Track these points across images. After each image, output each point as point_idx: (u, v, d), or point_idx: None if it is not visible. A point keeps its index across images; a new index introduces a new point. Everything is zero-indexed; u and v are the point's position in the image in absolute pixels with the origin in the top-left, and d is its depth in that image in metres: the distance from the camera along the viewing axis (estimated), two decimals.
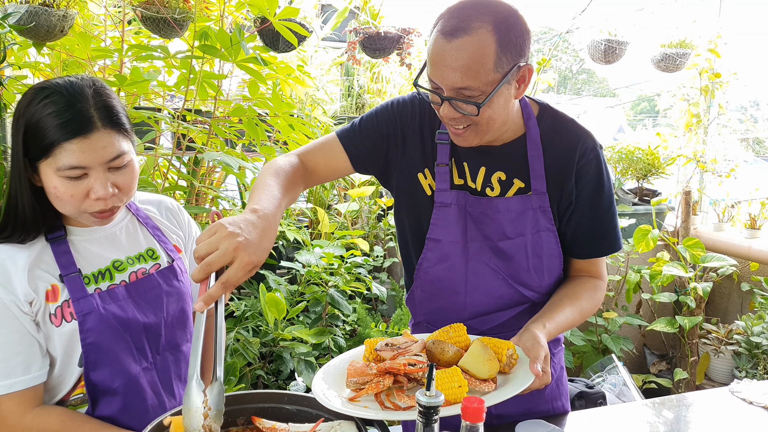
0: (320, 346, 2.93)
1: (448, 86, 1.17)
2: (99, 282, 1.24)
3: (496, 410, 1.37)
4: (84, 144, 1.12)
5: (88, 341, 1.18)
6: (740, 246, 3.77)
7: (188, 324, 1.39)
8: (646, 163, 4.05)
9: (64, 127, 1.11)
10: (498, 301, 1.40)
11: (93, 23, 2.46)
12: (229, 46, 2.13)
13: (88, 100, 1.14)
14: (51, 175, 1.14)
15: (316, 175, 1.41)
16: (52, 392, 1.22)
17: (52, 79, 1.18)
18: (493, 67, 1.15)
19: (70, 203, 1.16)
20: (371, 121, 1.42)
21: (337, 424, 1.06)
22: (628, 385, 3.01)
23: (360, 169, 1.43)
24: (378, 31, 3.10)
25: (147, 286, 1.30)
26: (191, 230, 1.49)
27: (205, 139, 2.45)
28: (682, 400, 1.51)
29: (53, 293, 1.18)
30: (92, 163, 1.14)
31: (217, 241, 0.95)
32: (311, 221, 3.66)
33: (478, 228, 1.36)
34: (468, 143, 1.28)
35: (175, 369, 1.35)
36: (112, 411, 1.23)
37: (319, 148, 1.42)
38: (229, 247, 0.95)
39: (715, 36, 4.01)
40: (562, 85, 10.41)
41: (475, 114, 1.19)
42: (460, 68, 1.14)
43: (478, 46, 1.13)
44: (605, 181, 1.37)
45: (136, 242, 1.34)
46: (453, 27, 1.14)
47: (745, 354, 3.37)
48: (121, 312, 1.23)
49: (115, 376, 1.22)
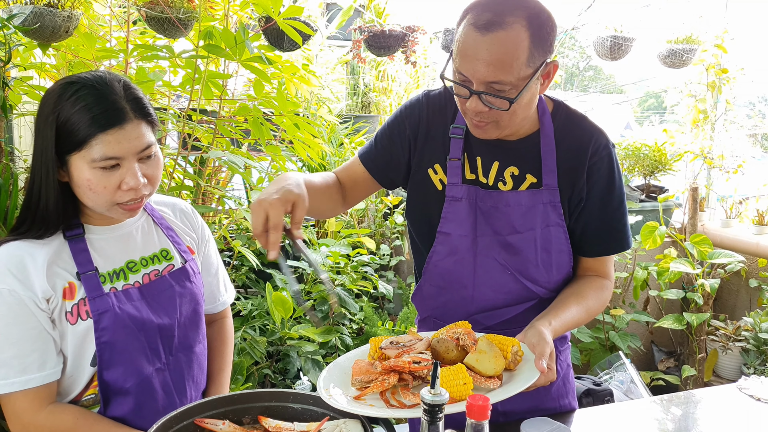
0: (327, 345, 2.93)
1: (480, 80, 1.17)
2: (114, 281, 1.25)
3: (502, 407, 1.37)
4: (119, 135, 1.15)
5: (102, 340, 1.19)
6: (748, 242, 3.75)
7: (200, 324, 1.40)
8: (653, 159, 4.03)
9: (100, 118, 1.13)
10: (505, 296, 1.40)
11: (98, 24, 2.46)
12: (234, 46, 2.13)
13: (119, 93, 1.17)
14: (83, 168, 1.15)
15: (348, 194, 1.49)
16: (64, 392, 1.23)
17: (78, 74, 1.21)
18: (526, 62, 1.16)
19: (103, 195, 1.17)
20: (384, 134, 1.45)
21: (342, 422, 1.06)
22: (636, 382, 3.00)
23: (386, 184, 1.49)
24: (383, 29, 3.10)
25: (160, 287, 1.30)
26: (205, 233, 1.50)
27: (211, 138, 2.46)
28: (690, 397, 1.50)
29: (70, 291, 1.19)
30: (126, 154, 1.16)
31: (251, 213, 1.12)
32: (317, 220, 3.67)
33: (487, 222, 1.36)
34: (488, 136, 1.29)
35: (188, 370, 1.35)
36: (124, 411, 1.24)
37: (344, 169, 1.50)
38: (256, 208, 1.10)
39: (722, 31, 3.98)
40: (569, 82, 10.36)
41: (506, 108, 1.19)
42: (494, 62, 1.14)
43: (513, 41, 1.14)
44: (616, 179, 1.37)
45: (150, 242, 1.34)
46: (487, 21, 1.14)
47: (754, 350, 3.35)
48: (136, 312, 1.24)
49: (128, 375, 1.23)
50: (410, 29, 3.13)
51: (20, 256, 1.16)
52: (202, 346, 1.41)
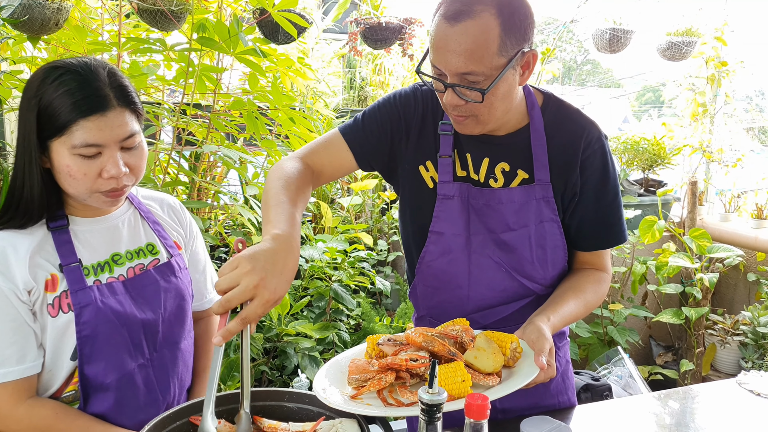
0: (324, 341, 2.92)
1: (452, 71, 1.15)
2: (98, 274, 1.23)
3: (501, 404, 1.35)
4: (101, 122, 1.13)
5: (83, 334, 1.17)
6: (747, 236, 3.74)
7: (186, 321, 1.38)
8: (652, 153, 4.02)
9: (82, 104, 1.11)
10: (502, 294, 1.38)
11: (90, 17, 2.43)
12: (228, 38, 2.10)
13: (103, 79, 1.15)
14: (64, 154, 1.13)
15: (323, 176, 1.39)
16: (43, 387, 1.20)
17: (63, 59, 1.18)
18: (498, 51, 1.13)
19: (82, 182, 1.15)
20: (374, 115, 1.39)
21: (338, 422, 1.04)
22: (634, 376, 2.99)
23: (364, 167, 1.41)
24: (379, 21, 3.07)
25: (145, 282, 1.29)
26: (192, 230, 1.48)
27: (206, 133, 2.43)
28: (688, 392, 1.49)
29: (52, 283, 1.17)
30: (107, 141, 1.14)
31: (237, 276, 0.95)
32: (314, 215, 3.65)
33: (480, 220, 1.34)
34: (469, 131, 1.26)
35: (172, 366, 1.33)
36: (104, 408, 1.22)
37: (323, 148, 1.39)
38: (249, 284, 0.95)
39: (722, 24, 3.96)
40: (567, 76, 10.36)
41: (479, 100, 1.17)
42: (464, 53, 1.12)
43: (482, 29, 1.11)
44: (610, 172, 1.35)
45: (136, 236, 1.33)
46: (456, 11, 1.12)
47: (752, 344, 3.34)
48: (119, 307, 1.22)
49: (109, 371, 1.21)
50: (407, 22, 3.10)
51: (2, 247, 1.14)
52: (188, 342, 1.39)
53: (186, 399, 1.41)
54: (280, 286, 0.98)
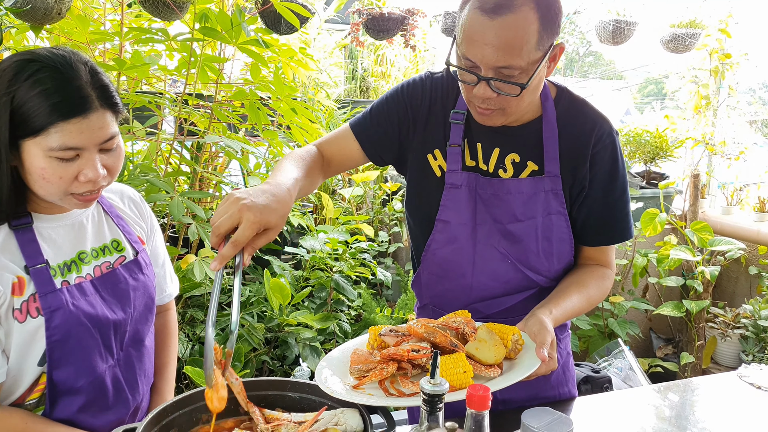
0: (325, 332, 2.93)
1: (489, 65, 1.14)
2: (66, 274, 1.16)
3: (501, 395, 1.36)
4: (82, 124, 1.05)
5: (54, 339, 1.10)
6: (749, 229, 3.73)
7: (151, 318, 1.34)
8: (654, 145, 4.00)
9: (61, 106, 1.03)
10: (505, 285, 1.38)
11: (92, 6, 2.42)
12: (230, 29, 2.09)
13: (84, 78, 1.07)
14: (38, 155, 1.05)
15: (333, 166, 1.42)
16: (4, 394, 1.13)
17: (36, 50, 1.09)
18: (536, 45, 1.13)
19: (57, 185, 1.08)
20: (382, 108, 1.40)
21: (340, 411, 1.04)
22: (634, 369, 3.00)
23: (376, 160, 1.43)
24: (382, 11, 3.05)
25: (113, 281, 1.23)
26: (153, 223, 1.42)
27: (207, 123, 2.42)
28: (688, 385, 1.49)
29: (19, 286, 1.09)
30: (87, 144, 1.07)
31: (225, 207, 1.01)
32: (316, 206, 3.65)
33: (487, 210, 1.34)
34: (493, 122, 1.26)
35: (139, 364, 1.29)
36: (71, 411, 1.16)
37: (334, 139, 1.43)
38: (234, 209, 0.99)
39: (726, 15, 3.94)
40: (569, 68, 10.31)
41: (516, 94, 1.16)
42: (504, 47, 1.11)
43: (522, 24, 1.10)
44: (620, 167, 1.35)
45: (101, 233, 1.26)
46: (495, 4, 1.10)
47: (753, 338, 3.35)
48: (91, 309, 1.16)
49: (80, 374, 1.15)
50: (410, 12, 3.09)
51: None
52: (151, 339, 1.35)
53: (149, 396, 1.37)
54: (265, 211, 1.01)
